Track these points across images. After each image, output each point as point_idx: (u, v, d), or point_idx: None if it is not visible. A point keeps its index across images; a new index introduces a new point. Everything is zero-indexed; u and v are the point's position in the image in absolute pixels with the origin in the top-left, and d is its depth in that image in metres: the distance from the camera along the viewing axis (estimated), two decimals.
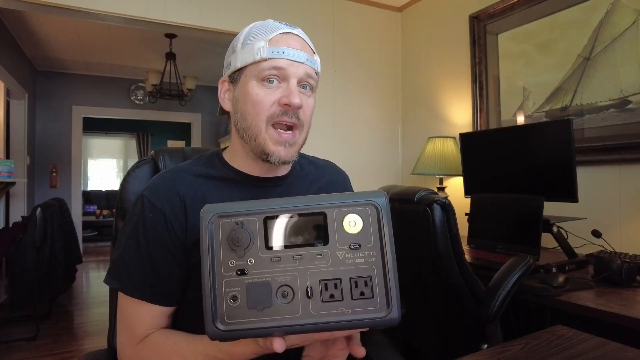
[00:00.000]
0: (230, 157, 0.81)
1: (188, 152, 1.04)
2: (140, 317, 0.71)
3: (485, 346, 1.21)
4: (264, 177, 0.79)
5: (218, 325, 0.48)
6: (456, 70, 2.54)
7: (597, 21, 1.80)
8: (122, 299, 0.72)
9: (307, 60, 0.73)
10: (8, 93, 4.08)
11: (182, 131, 7.61)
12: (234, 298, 0.49)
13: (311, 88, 0.76)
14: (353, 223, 0.50)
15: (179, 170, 0.79)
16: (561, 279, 1.26)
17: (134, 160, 8.15)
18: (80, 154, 5.23)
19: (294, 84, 0.71)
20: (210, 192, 0.76)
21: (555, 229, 1.58)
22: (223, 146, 0.90)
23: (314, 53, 0.76)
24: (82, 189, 5.87)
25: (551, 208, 1.68)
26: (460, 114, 2.52)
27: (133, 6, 2.22)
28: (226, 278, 0.49)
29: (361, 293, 0.48)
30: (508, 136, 1.86)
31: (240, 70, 0.74)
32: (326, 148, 2.70)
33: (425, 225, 1.19)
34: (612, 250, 1.52)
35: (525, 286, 1.26)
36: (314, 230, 0.51)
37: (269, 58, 0.70)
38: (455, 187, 2.50)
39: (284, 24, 0.74)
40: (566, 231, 1.64)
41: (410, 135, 2.93)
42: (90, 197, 7.72)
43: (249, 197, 0.76)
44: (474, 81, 2.38)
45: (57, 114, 5.09)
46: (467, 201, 1.92)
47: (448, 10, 2.59)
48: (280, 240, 0.51)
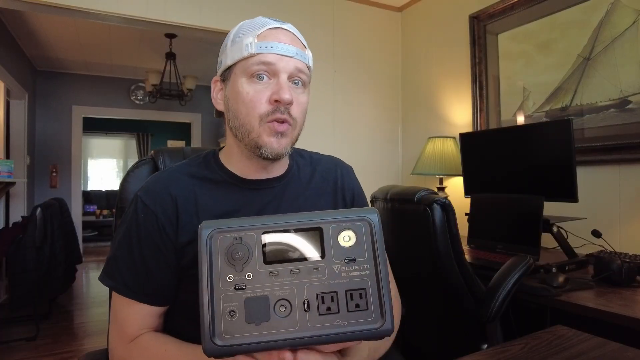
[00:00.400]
0: (225, 158, 0.80)
1: (188, 152, 1.04)
2: (131, 316, 0.71)
3: (485, 346, 1.21)
4: (259, 180, 0.78)
5: (216, 341, 0.48)
6: (456, 70, 2.54)
7: (597, 21, 1.80)
8: (115, 298, 0.73)
9: (297, 54, 0.71)
10: (8, 93, 4.08)
11: (182, 131, 7.61)
12: (232, 313, 0.49)
13: (303, 83, 0.74)
14: (347, 238, 0.53)
15: (174, 170, 0.79)
16: (561, 279, 1.26)
17: (134, 160, 8.15)
18: (80, 154, 5.23)
19: (284, 79, 0.70)
20: (203, 194, 0.75)
21: (555, 229, 1.58)
22: (222, 146, 0.90)
23: (305, 47, 0.75)
24: (82, 189, 5.87)
25: (551, 208, 1.68)
26: (460, 114, 2.52)
27: (133, 6, 2.22)
28: (224, 293, 0.49)
29: (356, 305, 0.50)
30: (508, 136, 1.86)
31: (230, 67, 0.73)
32: (326, 148, 2.70)
33: (425, 225, 1.19)
34: (612, 250, 1.52)
35: (525, 286, 1.26)
36: (311, 244, 0.52)
37: (257, 53, 0.69)
38: (455, 187, 2.50)
39: (274, 20, 0.74)
40: (566, 231, 1.64)
41: (410, 135, 2.93)
42: (90, 197, 7.72)
43: (243, 200, 0.76)
44: (474, 81, 2.38)
45: (57, 114, 5.09)
46: (467, 201, 1.92)
47: (448, 10, 2.59)
48: (278, 255, 0.52)
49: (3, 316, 3.17)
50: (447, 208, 1.18)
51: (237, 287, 0.50)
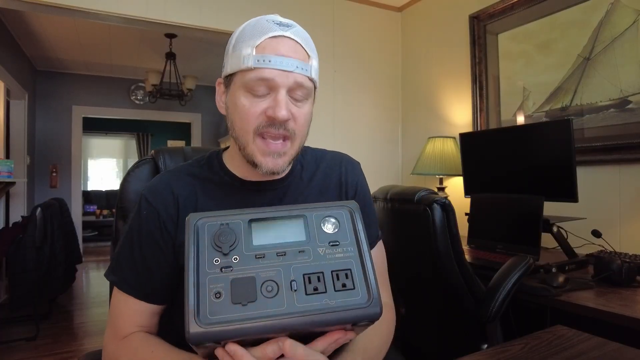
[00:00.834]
0: (228, 160, 0.80)
1: (188, 152, 1.04)
2: (127, 313, 0.72)
3: (485, 346, 1.21)
4: (260, 182, 0.78)
5: (199, 321, 0.46)
6: (456, 70, 2.54)
7: (597, 21, 1.80)
8: (115, 294, 0.75)
9: (298, 67, 0.67)
10: (8, 93, 4.08)
11: (182, 131, 7.61)
12: (218, 295, 0.48)
13: (305, 96, 0.70)
14: (330, 224, 0.55)
15: (178, 170, 0.80)
16: (561, 279, 1.26)
17: (134, 160, 8.15)
18: (80, 154, 5.23)
19: (282, 95, 0.67)
20: (204, 195, 0.76)
21: (555, 229, 1.58)
22: (223, 146, 0.89)
23: (309, 57, 0.70)
24: (82, 189, 5.87)
25: (551, 208, 1.68)
26: (460, 114, 2.52)
27: (133, 6, 2.22)
28: (210, 275, 0.50)
29: (343, 285, 0.51)
30: (508, 136, 1.86)
31: (230, 76, 0.71)
32: (326, 148, 2.70)
33: (425, 225, 1.19)
34: (612, 250, 1.52)
35: (525, 286, 1.26)
36: (296, 230, 0.55)
37: (255, 68, 0.66)
38: (455, 187, 2.50)
39: (277, 24, 0.69)
40: (566, 231, 1.64)
41: (410, 135, 2.93)
42: (90, 197, 7.72)
43: (244, 201, 0.76)
44: (474, 81, 2.38)
45: (57, 114, 5.09)
46: (467, 201, 1.92)
47: (448, 10, 2.59)
48: (264, 239, 0.53)
49: (3, 316, 3.17)
50: (447, 208, 1.18)
51: (223, 269, 0.50)
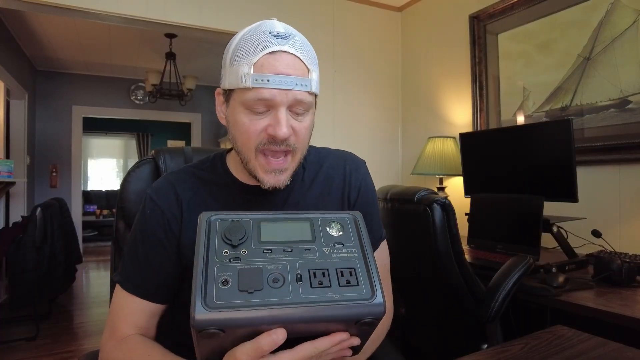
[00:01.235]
0: (232, 163, 0.81)
1: (188, 152, 1.04)
2: (127, 312, 0.72)
3: (485, 346, 1.22)
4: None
5: (205, 305, 0.48)
6: (456, 70, 2.54)
7: (597, 21, 1.80)
8: (116, 293, 0.75)
9: (298, 84, 0.66)
10: (8, 93, 4.08)
11: (182, 131, 7.61)
12: (225, 282, 0.50)
13: (306, 109, 0.70)
14: (335, 229, 0.58)
15: (182, 172, 0.81)
16: (561, 279, 1.26)
17: (134, 160, 8.16)
18: (80, 154, 5.23)
19: (282, 113, 0.66)
20: (207, 196, 0.77)
21: (555, 229, 1.58)
22: (223, 146, 0.89)
23: (309, 71, 0.69)
24: (82, 189, 5.87)
25: (551, 208, 1.68)
26: (460, 114, 2.52)
27: (133, 6, 2.22)
28: (219, 264, 0.52)
29: (347, 281, 0.53)
30: (508, 136, 1.86)
31: (229, 90, 0.70)
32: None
33: (425, 225, 1.19)
34: (612, 250, 1.52)
35: (525, 286, 1.26)
36: (303, 230, 0.57)
37: (253, 87, 0.65)
38: (455, 187, 2.50)
39: (274, 37, 0.67)
40: (566, 231, 1.64)
41: (410, 135, 2.93)
42: (90, 197, 7.73)
43: (247, 204, 0.77)
44: (474, 81, 2.38)
45: (57, 114, 5.09)
46: (467, 201, 1.92)
47: (448, 10, 2.59)
48: (272, 236, 0.56)
49: (3, 316, 3.17)
50: (447, 208, 1.18)
51: (232, 260, 0.52)
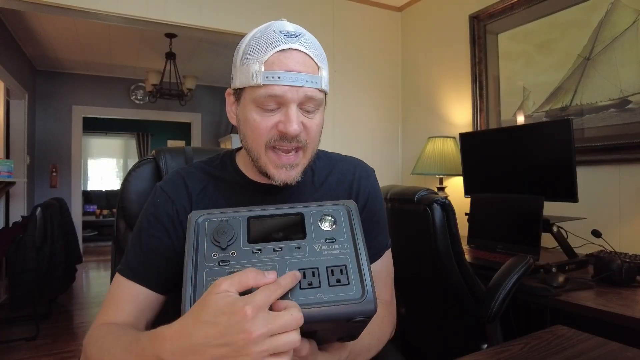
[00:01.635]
0: (241, 162, 0.81)
1: (189, 152, 1.04)
2: (119, 298, 0.70)
3: (485, 346, 1.22)
4: (270, 185, 0.77)
5: None
6: (456, 70, 2.54)
7: (597, 21, 1.80)
8: (115, 281, 0.73)
9: (308, 81, 0.67)
10: (8, 93, 4.08)
11: (182, 131, 7.61)
12: None
13: (316, 106, 0.70)
14: (327, 222, 0.57)
15: (192, 167, 0.82)
16: (561, 279, 1.26)
17: (134, 160, 8.16)
18: (80, 154, 5.23)
19: (293, 110, 0.67)
20: (216, 193, 0.78)
21: (555, 229, 1.58)
22: (223, 146, 0.90)
23: (319, 68, 0.69)
24: (82, 189, 5.87)
25: (551, 208, 1.68)
26: (460, 114, 2.52)
27: (133, 6, 2.22)
28: (208, 268, 0.51)
29: (337, 280, 0.52)
30: (508, 136, 1.86)
31: (240, 89, 0.71)
32: (326, 148, 2.69)
33: (425, 225, 1.19)
34: (612, 250, 1.52)
35: (525, 286, 1.27)
36: (293, 228, 0.56)
37: (264, 85, 0.65)
38: (455, 187, 2.50)
39: (284, 35, 0.68)
40: (566, 231, 1.64)
41: (410, 135, 2.93)
42: (90, 197, 7.73)
43: (253, 202, 0.76)
44: (474, 81, 2.38)
45: (57, 114, 5.09)
46: (467, 201, 1.92)
47: (448, 10, 2.59)
48: (261, 236, 0.55)
49: (3, 316, 3.17)
50: (447, 208, 1.18)
51: (221, 263, 0.52)
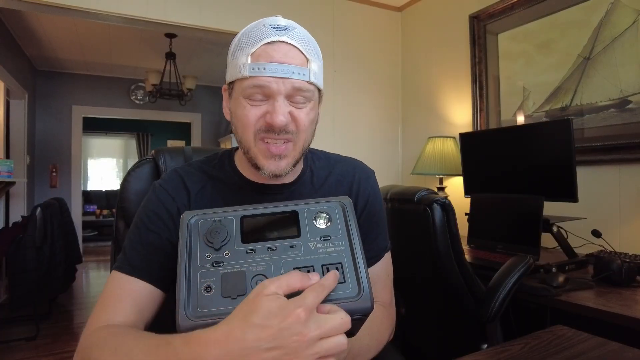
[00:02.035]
0: (238, 160, 0.81)
1: (188, 152, 1.04)
2: (116, 294, 0.66)
3: (485, 346, 1.21)
4: (268, 185, 0.77)
5: (189, 314, 0.48)
6: (456, 70, 2.54)
7: (597, 21, 1.80)
8: (111, 278, 0.69)
9: (295, 73, 0.66)
10: (8, 93, 4.08)
11: (182, 131, 7.61)
12: (208, 288, 0.49)
13: (307, 99, 0.70)
14: (322, 219, 0.55)
15: (191, 166, 0.81)
16: (561, 279, 1.26)
17: (134, 160, 8.16)
18: (80, 154, 5.23)
19: (279, 102, 0.66)
20: (213, 193, 0.77)
21: (555, 229, 1.58)
22: (223, 146, 0.90)
23: (308, 60, 0.69)
24: (82, 189, 5.87)
25: (551, 208, 1.68)
26: (460, 114, 2.52)
27: (133, 6, 2.22)
28: (201, 270, 0.50)
29: None
30: (508, 136, 1.86)
31: (231, 84, 0.71)
32: (326, 148, 2.69)
33: (425, 225, 1.19)
34: (612, 250, 1.52)
35: (525, 286, 1.26)
36: (287, 226, 0.55)
37: (250, 76, 0.66)
38: (455, 187, 2.50)
39: (274, 28, 0.68)
40: (566, 231, 1.64)
41: (410, 135, 2.93)
42: (90, 197, 7.73)
43: (251, 202, 0.75)
44: (474, 81, 2.38)
45: (57, 114, 5.09)
46: (467, 201, 1.92)
47: (448, 10, 2.59)
48: (255, 235, 0.54)
49: (3, 316, 3.17)
50: (447, 208, 1.18)
51: (215, 264, 0.51)
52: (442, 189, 2.43)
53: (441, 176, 2.43)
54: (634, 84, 1.67)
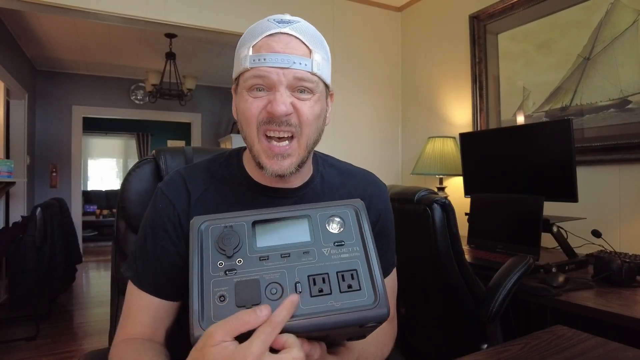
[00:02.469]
0: (246, 160, 0.78)
1: (188, 152, 1.04)
2: (136, 309, 0.70)
3: (485, 346, 1.22)
4: (276, 188, 0.75)
5: (204, 325, 0.47)
6: (456, 70, 2.54)
7: (597, 21, 1.80)
8: (129, 290, 0.72)
9: (296, 62, 0.65)
10: (8, 93, 4.08)
11: (182, 131, 7.61)
12: (222, 298, 0.48)
13: (311, 91, 0.68)
14: (335, 224, 0.54)
15: (195, 167, 0.79)
16: (561, 279, 1.26)
17: (134, 160, 8.16)
18: (80, 154, 5.23)
19: (282, 92, 0.65)
20: (217, 195, 0.74)
21: (555, 229, 1.58)
22: (223, 146, 0.89)
23: (310, 51, 0.67)
24: (82, 189, 5.86)
25: (551, 208, 1.68)
26: (460, 114, 2.52)
27: (133, 6, 2.22)
28: (214, 278, 0.49)
29: (349, 286, 0.50)
30: (508, 136, 1.86)
31: (237, 80, 0.71)
32: (326, 148, 2.68)
33: (425, 225, 1.19)
34: (612, 250, 1.52)
35: (525, 286, 1.27)
36: (300, 231, 0.54)
37: (251, 67, 0.65)
38: (455, 187, 2.50)
39: (277, 22, 0.68)
40: (566, 231, 1.64)
41: (410, 135, 2.93)
42: (90, 197, 7.72)
43: (256, 206, 0.73)
44: (474, 81, 2.38)
45: (57, 114, 5.09)
46: (467, 201, 1.92)
47: (448, 10, 2.59)
48: (268, 241, 0.53)
49: (3, 316, 3.17)
50: (447, 208, 1.18)
51: (228, 272, 0.50)
52: (442, 189, 2.43)
53: (441, 176, 2.43)
54: (634, 84, 1.68)
